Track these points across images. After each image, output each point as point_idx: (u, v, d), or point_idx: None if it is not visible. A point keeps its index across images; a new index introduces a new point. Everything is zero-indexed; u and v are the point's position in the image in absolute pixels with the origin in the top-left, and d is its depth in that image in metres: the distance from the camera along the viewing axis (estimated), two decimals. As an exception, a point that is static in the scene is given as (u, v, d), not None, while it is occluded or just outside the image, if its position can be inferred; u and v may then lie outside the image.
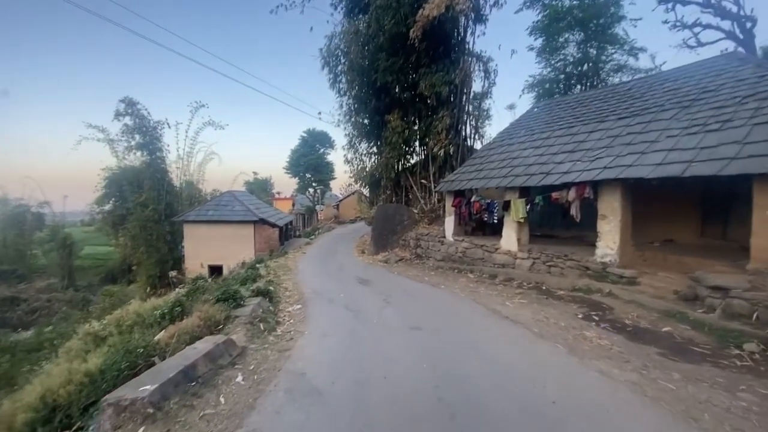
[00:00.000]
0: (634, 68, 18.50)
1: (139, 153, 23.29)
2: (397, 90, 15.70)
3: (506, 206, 10.01)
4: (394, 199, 18.08)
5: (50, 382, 4.72)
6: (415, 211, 16.35)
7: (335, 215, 40.12)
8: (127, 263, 28.82)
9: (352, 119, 18.67)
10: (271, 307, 7.08)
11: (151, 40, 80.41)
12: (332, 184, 48.26)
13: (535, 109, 14.45)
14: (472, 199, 11.05)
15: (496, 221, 10.56)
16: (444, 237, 12.61)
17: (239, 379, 4.20)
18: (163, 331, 5.81)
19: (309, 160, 42.61)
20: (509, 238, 10.08)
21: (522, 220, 9.72)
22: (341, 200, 41.64)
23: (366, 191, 21.05)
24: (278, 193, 56.64)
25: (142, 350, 5.08)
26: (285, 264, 14.87)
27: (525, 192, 9.87)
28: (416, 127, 16.77)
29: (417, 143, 17.82)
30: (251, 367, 4.41)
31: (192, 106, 25.26)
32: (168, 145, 24.53)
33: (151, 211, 23.55)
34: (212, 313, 5.43)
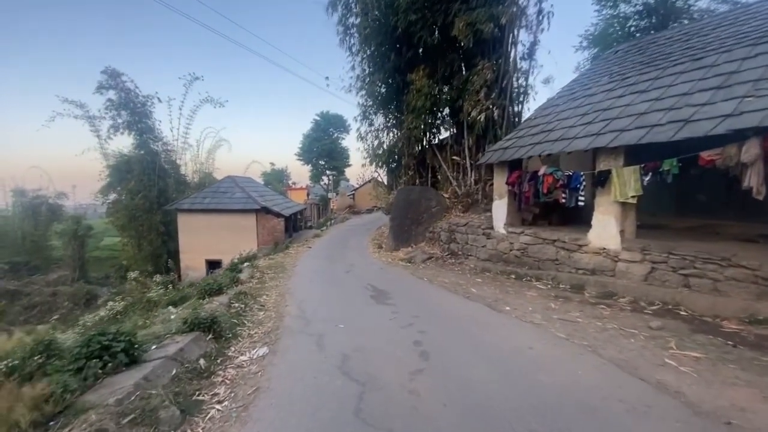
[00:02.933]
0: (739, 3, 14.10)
1: (126, 133, 20.47)
2: (423, 36, 12.03)
3: (601, 180, 6.38)
4: (418, 181, 14.56)
5: None
6: (446, 195, 12.82)
7: (350, 205, 36.95)
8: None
9: (366, 84, 15.14)
10: (202, 361, 3.77)
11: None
12: (348, 172, 45.00)
13: (617, 52, 10.57)
14: (542, 172, 7.43)
15: (581, 203, 6.95)
16: (491, 228, 9.07)
17: None
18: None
19: (322, 145, 39.36)
20: (605, 229, 6.46)
21: (632, 200, 6.08)
22: (357, 188, 38.34)
23: (383, 174, 17.56)
24: (293, 183, 54.03)
25: None
26: (281, 262, 11.66)
27: (633, 155, 6.23)
28: (447, 88, 13.10)
29: (447, 110, 14.19)
30: None
31: (185, 79, 22.13)
32: (160, 122, 21.62)
33: (141, 199, 20.86)
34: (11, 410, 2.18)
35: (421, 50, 13.28)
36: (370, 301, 6.35)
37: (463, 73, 12.51)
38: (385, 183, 17.67)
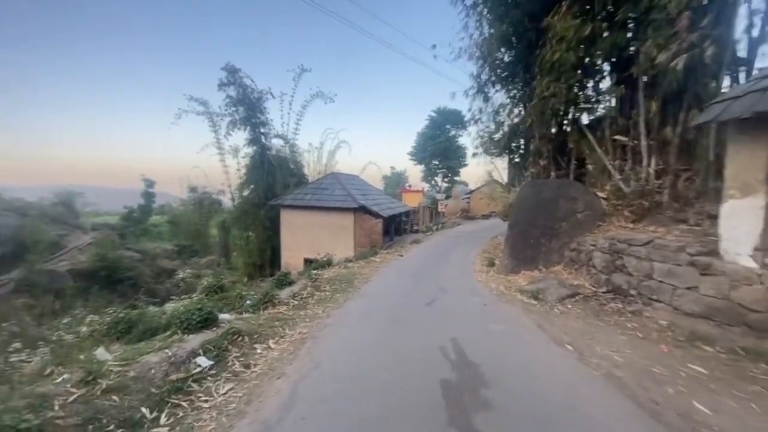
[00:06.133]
0: None
1: (242, 128, 20.92)
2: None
3: None
4: (553, 174, 10.19)
5: None
6: (601, 194, 8.28)
7: (464, 209, 32.98)
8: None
9: (483, 46, 11.38)
10: None
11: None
12: (464, 174, 40.89)
13: None
14: None
15: None
16: (711, 255, 4.57)
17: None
18: None
19: (436, 143, 36.28)
20: None
21: None
22: (472, 191, 34.12)
23: (502, 167, 13.48)
24: (409, 185, 52.71)
25: None
26: (354, 274, 8.95)
27: None
28: (606, 29, 8.52)
29: (606, 66, 9.51)
30: None
31: (294, 72, 21.71)
32: (272, 120, 21.70)
33: (251, 193, 21.21)
34: None
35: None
36: (437, 407, 2.87)
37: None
38: (505, 179, 13.53)
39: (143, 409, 2.66)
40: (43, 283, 14.03)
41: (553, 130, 10.27)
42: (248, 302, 6.29)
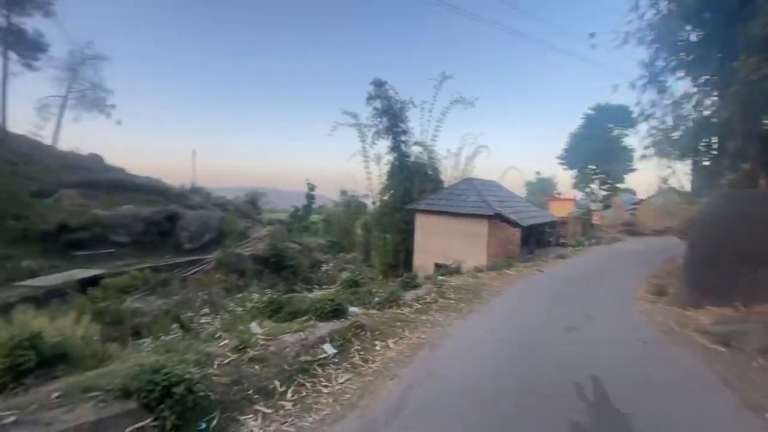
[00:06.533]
0: None
1: (385, 137, 22.49)
2: None
3: None
4: (763, 181, 7.66)
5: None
6: None
7: (628, 222, 27.87)
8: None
9: (659, 27, 9.36)
10: None
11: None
12: (630, 180, 34.41)
13: None
14: None
15: None
16: None
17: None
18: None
19: (594, 143, 31.57)
20: None
21: None
22: (640, 201, 28.55)
23: (684, 171, 10.83)
24: (558, 192, 47.65)
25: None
26: (482, 285, 8.53)
27: None
28: None
29: None
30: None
31: (434, 80, 22.07)
32: (412, 128, 22.68)
33: (390, 197, 22.55)
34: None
35: None
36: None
37: None
38: (686, 188, 10.84)
39: (276, 382, 3.07)
40: (233, 263, 17.90)
41: (765, 124, 7.74)
42: (376, 299, 6.63)
